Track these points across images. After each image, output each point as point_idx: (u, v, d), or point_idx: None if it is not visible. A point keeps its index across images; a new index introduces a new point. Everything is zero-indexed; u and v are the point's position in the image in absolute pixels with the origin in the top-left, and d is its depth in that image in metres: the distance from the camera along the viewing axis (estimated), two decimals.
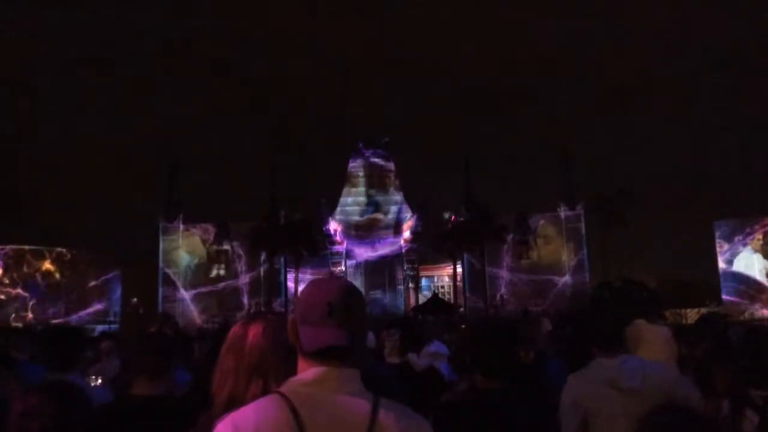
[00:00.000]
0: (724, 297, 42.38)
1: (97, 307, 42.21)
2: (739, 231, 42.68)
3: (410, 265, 43.39)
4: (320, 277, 1.93)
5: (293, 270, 42.11)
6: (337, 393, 1.75)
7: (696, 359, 4.94)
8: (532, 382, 3.79)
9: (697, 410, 2.92)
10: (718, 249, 43.12)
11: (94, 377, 4.10)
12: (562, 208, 43.31)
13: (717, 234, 43.23)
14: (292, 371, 1.90)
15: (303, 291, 1.88)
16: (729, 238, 43.01)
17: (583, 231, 43.10)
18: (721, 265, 42.96)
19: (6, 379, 4.77)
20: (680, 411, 2.17)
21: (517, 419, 2.97)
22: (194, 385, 3.95)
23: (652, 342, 3.82)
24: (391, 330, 7.27)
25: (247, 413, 1.73)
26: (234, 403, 1.98)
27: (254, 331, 2.10)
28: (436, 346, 6.76)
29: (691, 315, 37.63)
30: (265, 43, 64.55)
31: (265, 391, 2.00)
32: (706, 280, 43.57)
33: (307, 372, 1.77)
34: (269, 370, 2.06)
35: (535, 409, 3.10)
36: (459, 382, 5.47)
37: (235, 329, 2.15)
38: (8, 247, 40.88)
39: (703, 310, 37.47)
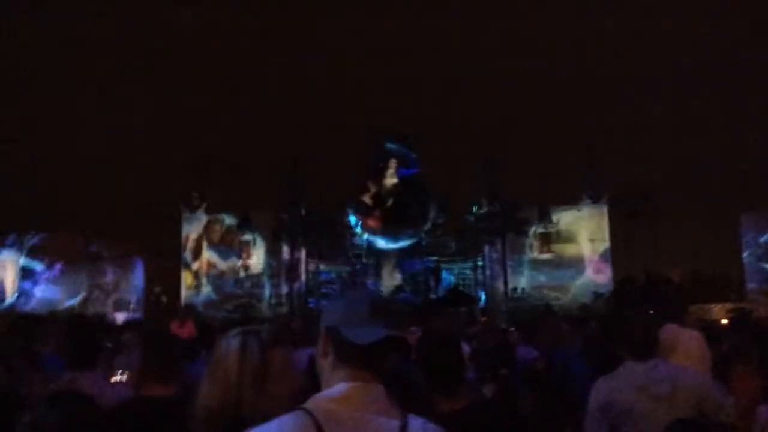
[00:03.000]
0: (750, 290, 41.72)
1: (120, 295, 42.69)
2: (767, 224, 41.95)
3: (431, 257, 43.25)
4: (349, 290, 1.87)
5: (314, 261, 42.27)
6: (365, 410, 1.68)
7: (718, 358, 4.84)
8: (543, 389, 3.68)
9: (717, 423, 2.83)
10: (744, 243, 42.45)
11: (119, 372, 4.07)
12: (586, 201, 42.91)
13: (744, 227, 42.54)
14: (269, 391, 1.86)
15: (337, 301, 1.85)
16: (756, 232, 42.30)
17: (607, 224, 42.69)
18: (747, 258, 42.30)
19: (28, 376, 4.79)
20: (698, 425, 2.09)
21: None
22: None
23: (686, 347, 3.72)
24: (412, 328, 7.23)
25: (271, 429, 1.68)
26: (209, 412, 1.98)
27: (231, 343, 2.08)
28: None
29: (716, 310, 37.22)
30: (286, 36, 64.57)
31: (238, 404, 1.97)
32: (731, 275, 42.95)
33: (334, 388, 1.71)
34: (244, 383, 2.04)
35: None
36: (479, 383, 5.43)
37: (224, 339, 2.14)
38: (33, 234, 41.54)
39: (728, 305, 37.02)
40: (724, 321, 32.31)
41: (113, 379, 3.91)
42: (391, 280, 43.74)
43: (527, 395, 2.63)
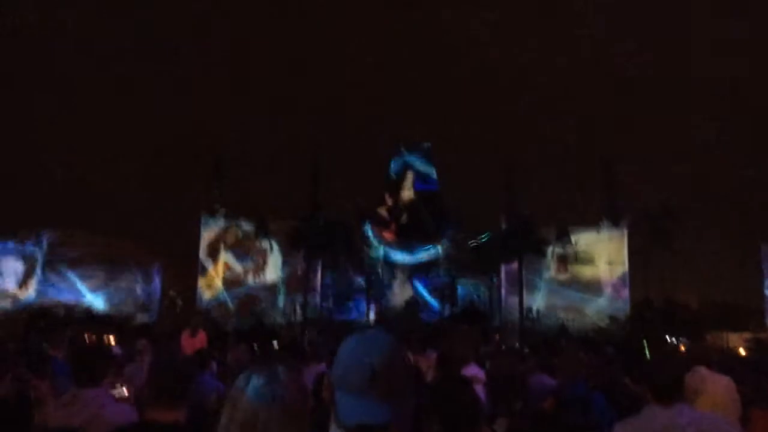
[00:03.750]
0: None
1: (137, 297, 42.93)
2: None
3: (447, 273, 43.09)
4: (363, 331, 1.69)
5: (329, 271, 42.25)
6: None
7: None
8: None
9: None
10: (765, 272, 41.87)
11: (119, 385, 4.02)
12: (605, 223, 42.59)
13: (765, 257, 41.98)
14: (304, 425, 1.75)
15: (343, 347, 1.67)
16: None
17: (626, 248, 42.31)
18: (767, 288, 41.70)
19: (37, 384, 4.77)
20: None
21: None
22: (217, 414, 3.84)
23: (713, 392, 3.57)
24: (427, 351, 7.14)
25: None
26: None
27: (254, 382, 1.93)
28: (473, 370, 6.57)
29: (733, 339, 36.68)
30: (308, 44, 64.84)
31: None
32: (751, 305, 42.32)
33: None
34: (271, 426, 1.88)
35: None
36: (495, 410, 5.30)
37: (237, 381, 1.98)
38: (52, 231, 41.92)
39: (745, 335, 36.45)
40: (741, 350, 31.90)
41: (114, 392, 3.85)
42: (404, 294, 43.64)
43: None
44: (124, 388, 3.98)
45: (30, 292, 41.56)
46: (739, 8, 55.43)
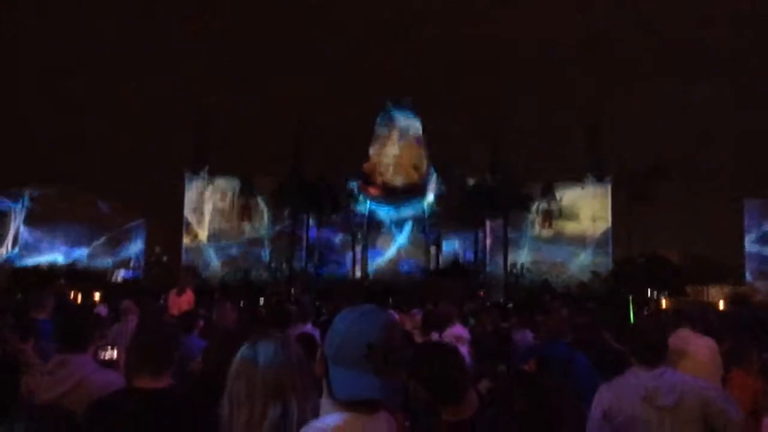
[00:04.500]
0: (748, 277, 41.81)
1: (121, 253, 42.87)
2: None
3: (432, 228, 43.25)
4: (360, 307, 1.68)
5: (315, 227, 42.28)
6: None
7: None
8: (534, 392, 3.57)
9: None
10: (746, 227, 42.41)
11: (109, 348, 3.99)
12: (590, 180, 42.76)
13: (747, 213, 42.46)
14: (314, 388, 1.75)
15: (340, 322, 1.67)
16: (759, 217, 42.25)
17: (609, 204, 42.60)
18: (749, 244, 42.30)
19: (22, 346, 4.74)
20: None
21: None
22: (202, 377, 3.84)
23: (695, 354, 3.62)
24: (412, 311, 7.21)
25: None
26: (251, 430, 1.84)
27: (265, 352, 1.92)
28: (458, 329, 6.65)
29: (713, 293, 37.30)
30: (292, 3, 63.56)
31: (285, 415, 1.86)
32: (732, 259, 42.95)
33: (331, 417, 1.60)
34: (288, 392, 1.90)
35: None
36: (477, 370, 5.36)
37: (242, 352, 1.96)
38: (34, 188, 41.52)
39: (725, 288, 37.07)
40: (722, 304, 32.47)
41: (103, 356, 3.82)
42: (390, 248, 43.86)
43: (519, 397, 2.49)
44: (114, 351, 3.95)
45: (12, 250, 41.34)
46: None
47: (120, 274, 40.96)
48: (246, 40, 59.56)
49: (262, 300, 21.44)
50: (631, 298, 17.19)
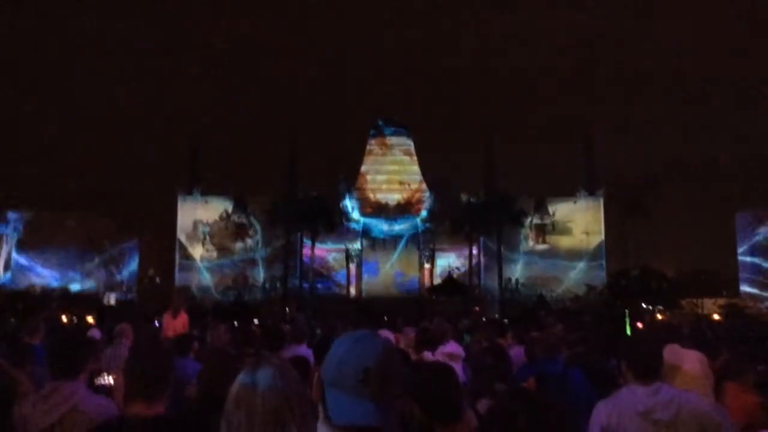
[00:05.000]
0: (742, 288, 41.96)
1: (114, 275, 42.63)
2: (761, 222, 42.10)
3: (426, 245, 43.25)
4: (357, 332, 1.68)
5: (309, 245, 42.18)
6: None
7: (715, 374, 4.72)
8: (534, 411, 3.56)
9: None
10: (739, 239, 42.63)
11: (104, 375, 3.96)
12: (582, 194, 42.92)
13: (738, 225, 42.71)
14: (312, 414, 1.74)
15: (337, 347, 1.66)
16: (750, 229, 42.48)
17: (602, 217, 42.73)
18: (741, 255, 42.48)
19: (16, 373, 4.70)
20: None
21: None
22: (197, 404, 3.80)
23: (687, 368, 3.62)
24: (405, 329, 7.20)
25: None
26: None
27: (264, 378, 1.91)
28: (451, 347, 6.63)
29: (708, 305, 37.31)
30: (284, 24, 64.07)
31: None
32: (725, 271, 43.09)
33: None
34: (287, 419, 1.88)
35: None
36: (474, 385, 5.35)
37: (241, 378, 1.94)
38: (27, 212, 41.35)
39: (720, 300, 37.13)
40: (716, 315, 32.43)
41: (100, 382, 3.79)
42: (384, 265, 43.78)
43: (520, 416, 2.47)
44: (111, 378, 3.92)
45: (4, 274, 41.09)
46: None
47: (113, 297, 40.72)
48: (238, 62, 59.89)
49: (256, 321, 21.34)
50: (626, 311, 17.19)
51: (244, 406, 1.89)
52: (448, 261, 43.47)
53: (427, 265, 42.91)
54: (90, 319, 18.91)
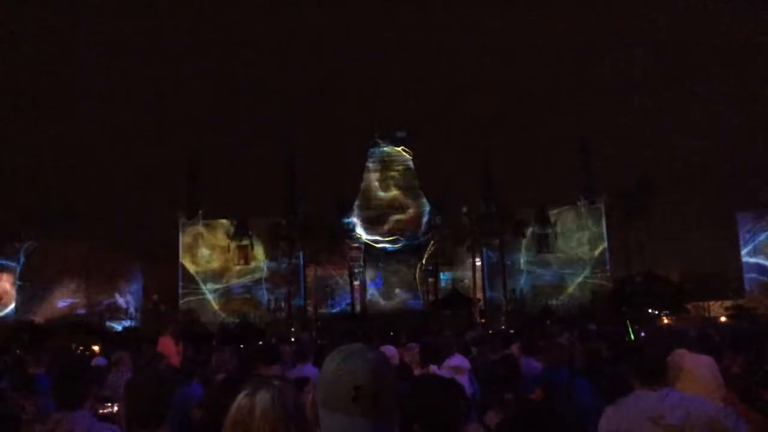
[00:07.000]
0: (747, 289, 41.73)
1: (118, 301, 42.52)
2: (763, 222, 41.95)
3: (429, 259, 43.18)
4: (348, 347, 1.63)
5: (312, 265, 42.11)
6: None
7: (735, 377, 4.65)
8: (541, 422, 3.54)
9: None
10: (741, 241, 42.45)
11: (109, 405, 3.94)
12: (583, 202, 42.85)
13: (740, 226, 42.55)
14: None
15: (327, 365, 1.61)
16: (753, 230, 42.31)
17: (604, 224, 42.63)
18: (745, 257, 42.28)
19: (21, 403, 4.69)
20: None
21: None
22: (201, 428, 3.78)
23: (695, 373, 3.59)
24: (409, 344, 7.14)
25: None
26: None
27: (262, 401, 1.88)
28: (457, 360, 6.57)
29: (714, 308, 37.16)
30: (280, 40, 64.44)
31: None
32: (729, 273, 42.94)
33: None
34: None
35: None
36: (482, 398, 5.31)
37: (240, 401, 1.92)
38: (30, 242, 41.37)
39: (726, 303, 36.97)
40: (723, 318, 32.24)
41: (103, 410, 3.77)
42: (389, 282, 43.69)
43: (530, 427, 2.45)
44: (115, 406, 3.90)
45: (9, 306, 41.03)
46: None
47: (118, 324, 40.63)
48: (234, 83, 60.19)
49: (261, 343, 21.25)
50: (630, 318, 17.10)
51: (241, 430, 1.87)
52: (451, 274, 43.39)
53: (430, 279, 42.83)
54: (95, 348, 18.85)
